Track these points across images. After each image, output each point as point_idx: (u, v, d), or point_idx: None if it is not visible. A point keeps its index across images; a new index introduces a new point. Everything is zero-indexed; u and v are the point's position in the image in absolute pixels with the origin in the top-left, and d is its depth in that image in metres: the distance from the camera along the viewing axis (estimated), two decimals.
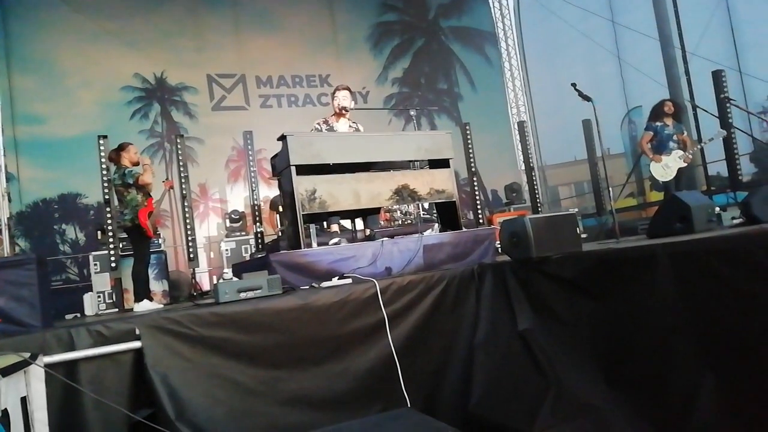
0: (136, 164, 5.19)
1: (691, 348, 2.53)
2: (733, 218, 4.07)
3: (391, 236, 4.45)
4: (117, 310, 6.04)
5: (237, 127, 9.33)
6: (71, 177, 9.21)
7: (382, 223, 6.22)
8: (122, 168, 5.10)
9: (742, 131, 7.28)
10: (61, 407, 2.63)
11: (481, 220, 7.95)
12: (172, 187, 6.15)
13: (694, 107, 7.69)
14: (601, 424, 2.79)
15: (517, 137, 11.47)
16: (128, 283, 5.49)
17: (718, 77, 7.13)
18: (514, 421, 3.07)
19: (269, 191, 8.79)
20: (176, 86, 10.41)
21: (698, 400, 2.44)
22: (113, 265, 5.94)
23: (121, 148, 5.21)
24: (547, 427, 2.91)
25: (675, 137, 6.48)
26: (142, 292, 4.98)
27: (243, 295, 3.37)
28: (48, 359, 2.60)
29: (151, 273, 5.98)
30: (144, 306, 4.79)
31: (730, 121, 7.03)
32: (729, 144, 7.18)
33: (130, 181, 5.02)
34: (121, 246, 6.11)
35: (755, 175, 8.86)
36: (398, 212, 7.14)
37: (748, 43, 9.66)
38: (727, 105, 6.95)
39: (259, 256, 5.73)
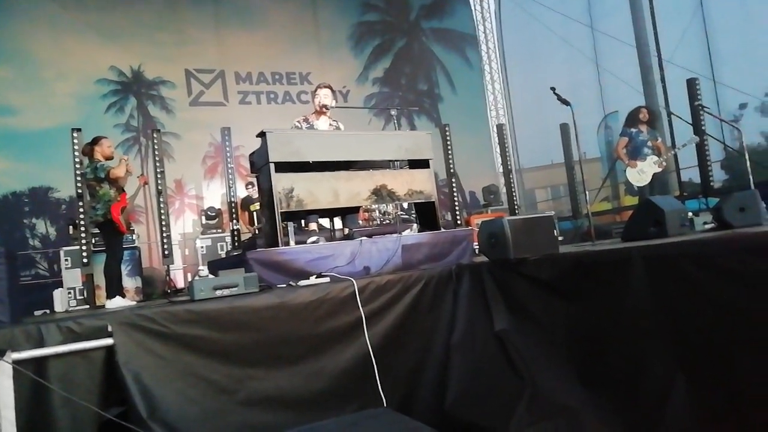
0: (110, 158, 5.11)
1: (663, 349, 2.58)
2: (705, 223, 4.15)
3: (370, 236, 4.45)
4: (88, 306, 5.92)
5: (215, 123, 9.23)
6: (43, 170, 9.02)
7: (360, 222, 6.21)
8: (94, 162, 5.02)
9: (714, 138, 7.45)
10: (29, 405, 2.56)
11: (459, 222, 7.99)
12: (146, 183, 6.06)
13: (669, 114, 7.84)
14: (575, 424, 2.82)
15: (496, 140, 11.56)
16: (100, 280, 5.39)
17: (692, 85, 7.28)
18: (490, 421, 3.09)
19: (245, 189, 8.73)
20: (153, 80, 10.27)
21: (670, 400, 2.48)
22: (85, 260, 5.81)
23: (95, 141, 5.12)
24: (522, 427, 2.93)
25: (649, 143, 6.62)
26: (114, 288, 4.90)
27: (219, 292, 3.33)
28: (16, 355, 2.53)
29: (125, 269, 5.88)
30: (116, 303, 4.71)
31: (703, 128, 7.19)
32: (702, 151, 7.33)
33: (102, 175, 4.94)
34: (93, 241, 5.99)
35: (726, 182, 9.08)
36: (377, 212, 7.14)
37: (722, 52, 9.90)
38: (701, 112, 7.10)
39: (236, 253, 5.67)
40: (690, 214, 3.88)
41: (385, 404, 3.25)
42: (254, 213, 7.67)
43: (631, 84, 10.79)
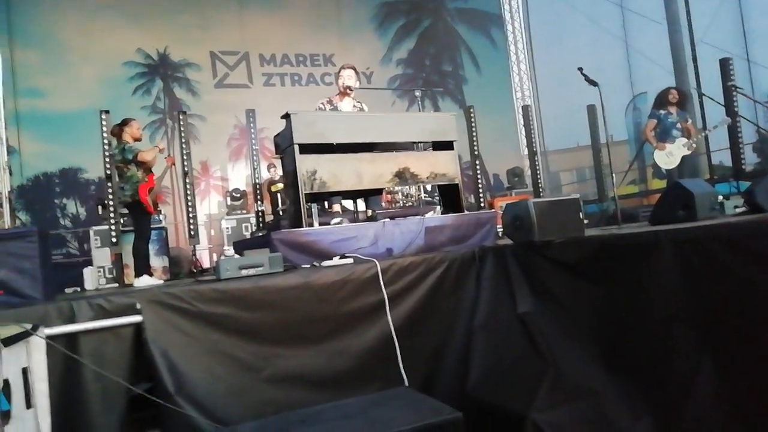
0: (138, 140, 5.20)
1: (690, 334, 2.54)
2: (736, 207, 4.06)
3: (393, 217, 4.45)
4: (117, 285, 6.06)
5: (239, 105, 9.29)
6: (73, 151, 9.20)
7: (383, 204, 6.21)
8: (123, 143, 5.10)
9: (748, 120, 7.23)
10: (62, 379, 2.65)
11: (482, 204, 7.94)
12: (173, 164, 6.14)
13: (700, 95, 7.64)
14: (598, 408, 2.80)
15: (521, 121, 11.40)
16: (129, 259, 5.50)
17: (725, 65, 7.05)
18: (511, 403, 3.09)
19: (267, 171, 8.79)
20: (179, 63, 10.35)
21: (696, 385, 2.45)
22: (114, 240, 5.93)
23: (124, 123, 5.21)
24: (544, 409, 2.92)
25: (679, 125, 6.47)
26: (143, 267, 5.00)
27: (244, 272, 3.37)
28: (49, 331, 2.60)
29: (152, 249, 5.98)
30: (144, 281, 4.81)
31: (735, 109, 6.98)
32: (734, 133, 7.13)
33: (129, 157, 5.03)
34: (122, 221, 6.11)
35: (758, 165, 8.84)
36: (400, 194, 7.14)
37: (756, 31, 9.58)
38: (734, 93, 6.89)
39: (261, 234, 5.74)
40: (720, 197, 3.79)
41: (406, 384, 3.28)
42: (278, 194, 7.73)
43: (661, 64, 10.52)
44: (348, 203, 5.44)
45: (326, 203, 5.17)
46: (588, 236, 3.35)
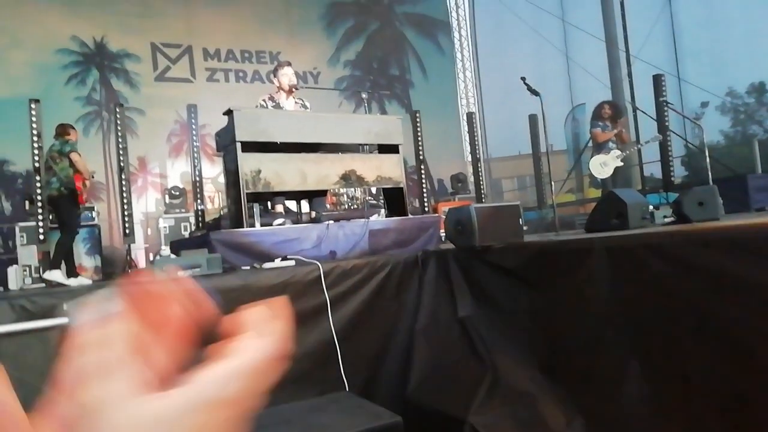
0: None
1: (620, 338, 2.64)
2: (665, 217, 4.27)
3: (337, 220, 4.42)
4: (44, 285, 5.74)
5: (181, 99, 8.98)
6: None
7: (328, 206, 6.17)
8: (66, 139, 5.04)
9: (677, 135, 7.63)
10: None
11: (426, 209, 8.02)
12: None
13: (634, 109, 8.01)
14: (533, 411, 2.87)
15: (466, 128, 11.60)
16: None
17: (658, 81, 7.42)
18: (450, 407, 3.12)
19: (212, 168, 8.55)
20: (117, 53, 9.92)
21: (624, 387, 2.55)
22: (41, 237, 5.62)
23: (72, 127, 5.25)
24: (482, 413, 2.97)
25: (614, 138, 6.78)
26: (57, 261, 4.83)
27: (181, 273, 3.26)
28: None
29: (83, 248, 5.73)
30: (54, 276, 4.64)
31: (666, 124, 7.35)
32: (664, 147, 7.51)
33: (67, 150, 4.92)
34: (51, 218, 5.80)
35: (685, 178, 9.34)
36: (345, 196, 7.12)
37: (687, 50, 10.16)
38: (665, 109, 7.25)
39: (199, 234, 5.58)
40: (651, 207, 3.97)
41: (347, 389, 3.25)
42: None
43: (599, 78, 10.97)
44: (291, 204, 5.37)
45: (269, 204, 5.08)
46: (527, 242, 3.44)
